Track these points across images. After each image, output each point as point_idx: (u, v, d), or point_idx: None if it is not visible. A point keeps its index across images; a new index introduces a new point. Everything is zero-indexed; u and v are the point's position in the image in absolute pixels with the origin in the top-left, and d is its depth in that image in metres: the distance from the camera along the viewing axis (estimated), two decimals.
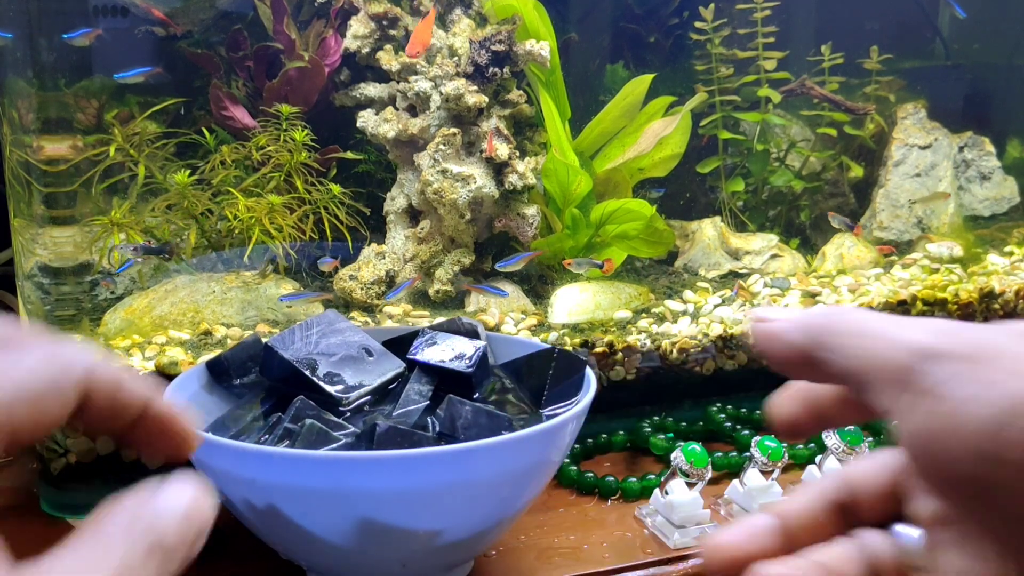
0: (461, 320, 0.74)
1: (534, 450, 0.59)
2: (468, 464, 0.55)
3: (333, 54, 1.10)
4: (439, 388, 0.67)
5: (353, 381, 0.66)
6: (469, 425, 0.60)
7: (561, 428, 0.60)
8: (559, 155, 1.06)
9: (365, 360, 0.68)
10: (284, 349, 0.66)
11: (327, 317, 0.71)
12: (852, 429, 0.80)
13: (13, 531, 0.78)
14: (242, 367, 0.70)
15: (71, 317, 0.93)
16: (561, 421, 0.60)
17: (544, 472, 0.63)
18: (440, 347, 0.69)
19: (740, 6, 1.25)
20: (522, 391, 0.70)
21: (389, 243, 1.11)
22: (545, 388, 0.69)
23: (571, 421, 0.61)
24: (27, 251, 0.90)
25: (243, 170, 1.05)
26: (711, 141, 1.28)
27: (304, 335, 0.68)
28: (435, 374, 0.68)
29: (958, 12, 1.37)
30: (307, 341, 0.67)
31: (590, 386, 0.66)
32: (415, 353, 0.69)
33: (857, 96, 1.32)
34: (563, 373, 0.69)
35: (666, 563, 0.73)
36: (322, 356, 0.67)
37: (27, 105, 0.87)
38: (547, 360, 0.70)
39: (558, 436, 0.61)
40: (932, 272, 1.18)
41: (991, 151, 1.39)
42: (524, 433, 0.58)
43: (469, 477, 0.56)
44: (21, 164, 0.88)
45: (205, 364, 0.70)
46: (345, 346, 0.68)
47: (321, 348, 0.67)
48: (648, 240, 1.13)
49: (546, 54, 1.06)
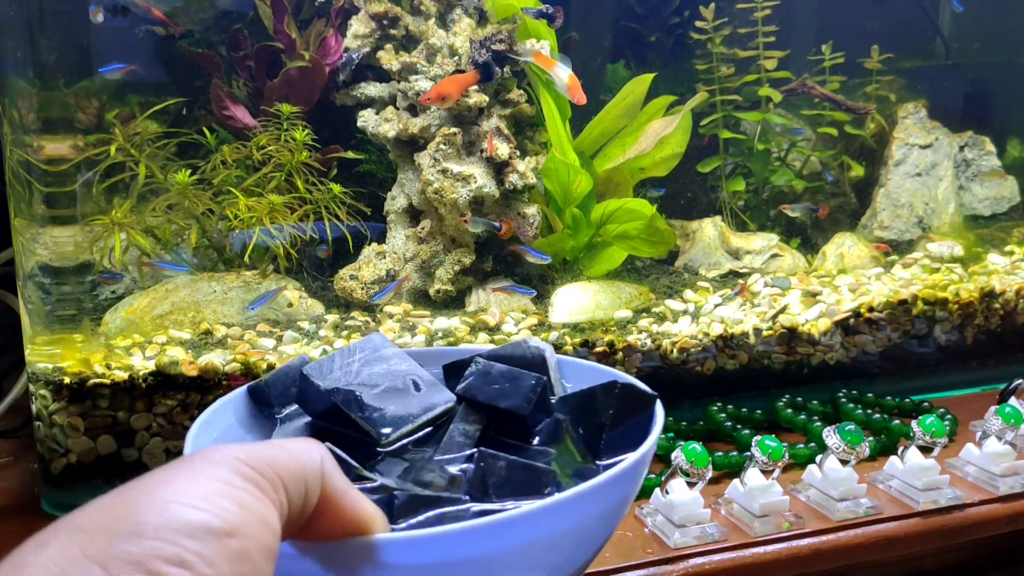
0: (527, 344, 0.65)
1: (576, 512, 0.47)
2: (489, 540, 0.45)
3: (334, 54, 1.10)
4: (490, 428, 0.58)
5: (395, 418, 0.58)
6: (502, 483, 0.51)
7: (605, 489, 0.48)
8: (559, 155, 1.06)
9: (411, 393, 0.61)
10: (321, 378, 0.60)
11: (372, 342, 0.64)
12: (852, 428, 0.80)
13: (14, 531, 0.78)
14: (284, 394, 0.64)
15: (72, 317, 0.93)
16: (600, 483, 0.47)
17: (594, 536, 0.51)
18: (493, 378, 0.60)
19: (741, 6, 1.25)
20: (582, 432, 0.59)
21: (389, 243, 1.11)
22: (604, 430, 0.58)
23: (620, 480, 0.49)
24: (28, 251, 0.90)
25: (244, 170, 1.05)
26: (712, 140, 1.28)
27: (344, 363, 0.62)
28: (485, 412, 0.59)
29: (955, 6, 1.37)
30: (347, 370, 0.61)
31: (656, 425, 0.55)
32: (463, 386, 0.60)
33: (858, 95, 1.32)
34: (627, 412, 0.59)
35: (666, 562, 0.74)
36: (363, 387, 0.60)
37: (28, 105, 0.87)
38: (608, 396, 0.59)
39: (605, 496, 0.49)
40: (933, 271, 1.18)
41: (991, 150, 1.39)
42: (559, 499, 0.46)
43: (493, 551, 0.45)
44: (22, 164, 0.88)
45: (247, 389, 0.64)
46: (390, 376, 0.61)
47: (363, 378, 0.61)
48: (649, 240, 1.13)
49: (546, 54, 1.06)
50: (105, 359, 0.89)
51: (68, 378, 0.85)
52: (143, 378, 0.86)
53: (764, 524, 0.78)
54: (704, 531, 0.76)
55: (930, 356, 1.12)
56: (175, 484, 0.32)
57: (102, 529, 0.30)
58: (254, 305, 0.98)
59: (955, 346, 1.13)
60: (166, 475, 0.33)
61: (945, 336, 1.12)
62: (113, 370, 0.87)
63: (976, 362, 1.15)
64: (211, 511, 0.32)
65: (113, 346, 0.93)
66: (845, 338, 1.07)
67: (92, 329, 0.96)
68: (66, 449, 0.85)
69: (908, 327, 1.10)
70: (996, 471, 0.85)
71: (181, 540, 0.30)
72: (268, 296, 0.99)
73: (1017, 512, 0.84)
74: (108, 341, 0.94)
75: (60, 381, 0.85)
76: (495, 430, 0.58)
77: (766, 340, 1.03)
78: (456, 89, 1.01)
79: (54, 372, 0.86)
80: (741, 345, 1.02)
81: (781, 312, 1.06)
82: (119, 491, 0.32)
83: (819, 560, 0.78)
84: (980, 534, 0.83)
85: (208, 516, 0.31)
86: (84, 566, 0.29)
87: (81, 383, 0.85)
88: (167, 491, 0.32)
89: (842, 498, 0.81)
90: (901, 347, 1.10)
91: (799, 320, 1.05)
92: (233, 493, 0.33)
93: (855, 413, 0.98)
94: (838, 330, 1.06)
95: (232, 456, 0.35)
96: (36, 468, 0.90)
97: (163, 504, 0.31)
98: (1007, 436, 0.87)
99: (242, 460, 0.35)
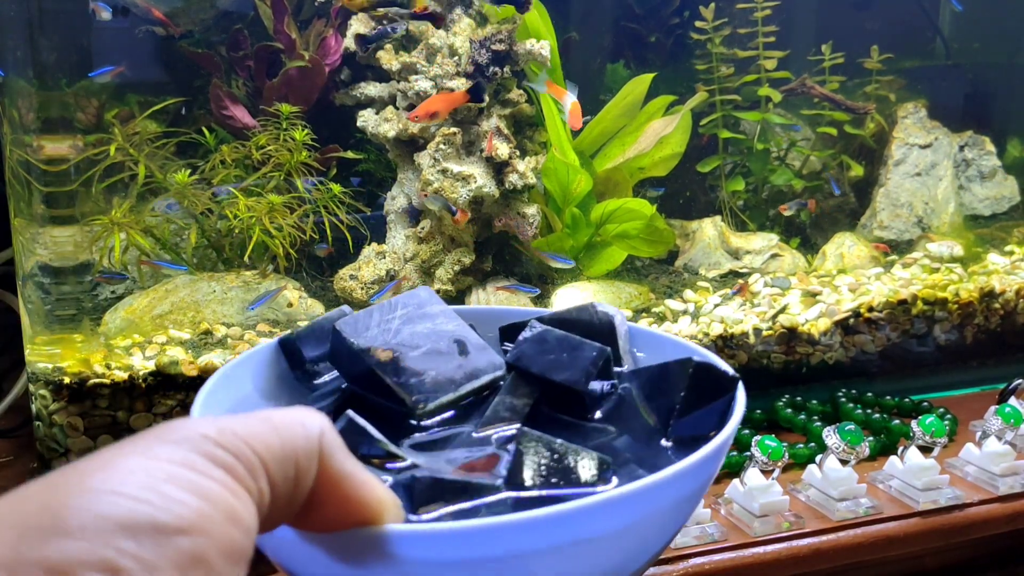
0: (594, 308, 0.56)
1: (625, 514, 0.40)
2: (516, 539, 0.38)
3: (333, 53, 1.10)
4: (543, 402, 0.51)
5: (435, 385, 0.51)
6: (545, 471, 0.43)
7: (661, 489, 0.40)
8: (559, 154, 1.06)
9: (456, 357, 0.53)
10: (356, 336, 0.52)
11: (417, 296, 0.56)
12: (852, 428, 0.80)
13: None
14: (320, 351, 0.56)
15: (71, 317, 0.93)
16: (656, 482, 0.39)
17: (645, 539, 0.43)
18: (550, 346, 0.53)
19: (740, 5, 1.25)
20: (651, 411, 0.51)
21: (389, 242, 1.10)
22: (674, 413, 0.50)
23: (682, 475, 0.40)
24: (27, 251, 0.90)
25: (243, 169, 1.05)
26: (711, 140, 1.28)
27: (384, 319, 0.54)
28: (537, 384, 0.52)
29: (954, 5, 1.37)
30: (386, 327, 0.54)
31: (734, 413, 0.47)
32: (514, 354, 0.53)
33: (857, 95, 1.32)
34: (702, 394, 0.50)
35: (666, 562, 0.73)
36: (404, 347, 0.52)
37: (27, 105, 0.87)
38: (682, 374, 0.51)
39: (662, 495, 0.40)
40: (933, 271, 1.18)
41: (991, 150, 1.39)
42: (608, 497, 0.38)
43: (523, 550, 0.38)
44: (21, 164, 0.88)
45: (277, 343, 0.56)
46: (434, 336, 0.54)
47: (403, 337, 0.53)
48: (648, 239, 1.13)
49: (546, 53, 1.06)
50: (105, 359, 0.89)
51: (68, 378, 0.85)
52: (143, 378, 0.86)
53: (764, 524, 0.78)
54: (704, 531, 0.76)
55: (930, 356, 1.12)
56: (115, 469, 0.26)
57: (16, 525, 0.24)
58: (254, 305, 0.98)
59: (955, 346, 1.13)
60: (108, 458, 0.26)
61: (945, 336, 1.12)
62: (113, 370, 0.87)
63: (976, 362, 1.15)
64: (156, 503, 0.25)
65: (113, 346, 0.93)
66: (845, 338, 1.07)
67: (92, 329, 0.96)
68: (66, 449, 0.85)
69: (908, 327, 1.10)
70: (996, 471, 0.86)
71: (115, 540, 0.24)
72: (268, 296, 0.99)
73: (1017, 512, 0.84)
74: (108, 341, 0.94)
75: (60, 381, 0.85)
76: (549, 404, 0.51)
77: (766, 340, 1.03)
78: (444, 107, 1.02)
79: (54, 372, 0.86)
80: (741, 345, 1.02)
81: (781, 312, 1.06)
82: (50, 477, 0.26)
83: (819, 560, 0.78)
84: (980, 534, 0.83)
85: (151, 509, 0.25)
86: None
87: (81, 383, 0.85)
88: (103, 478, 0.25)
89: (842, 498, 0.81)
90: (901, 347, 1.10)
91: (799, 320, 1.05)
92: (191, 480, 0.27)
93: (855, 413, 0.98)
94: (838, 330, 1.06)
95: (198, 433, 0.28)
96: (35, 468, 0.90)
97: (95, 495, 0.25)
98: (1007, 436, 0.87)
99: (210, 438, 0.28)
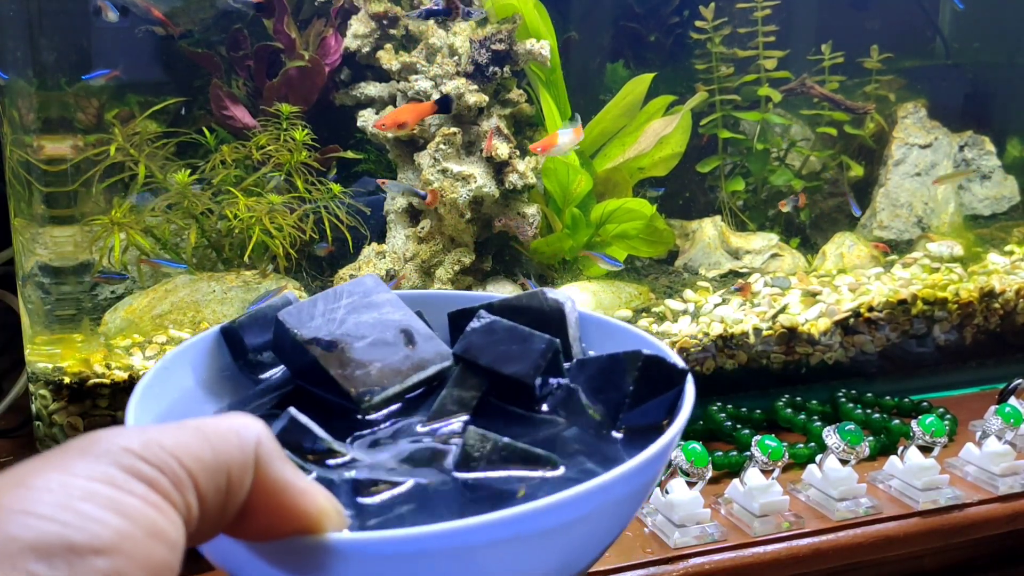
0: (544, 295, 0.55)
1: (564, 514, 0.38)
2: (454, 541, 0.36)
3: (333, 53, 1.10)
4: (491, 393, 0.50)
5: (381, 377, 0.50)
6: (490, 467, 0.43)
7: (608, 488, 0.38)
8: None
9: (402, 348, 0.51)
10: (299, 326, 0.51)
11: (363, 284, 0.54)
12: (852, 428, 0.80)
13: None
14: (263, 340, 0.54)
15: (71, 317, 0.93)
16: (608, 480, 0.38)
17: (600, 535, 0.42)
18: (499, 337, 0.51)
19: (740, 5, 1.25)
20: (599, 403, 0.50)
21: (389, 242, 1.11)
22: (623, 407, 0.49)
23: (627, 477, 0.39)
24: (27, 251, 0.90)
25: (243, 169, 1.05)
26: (711, 140, 1.28)
27: (328, 308, 0.52)
28: (486, 376, 0.50)
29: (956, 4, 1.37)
30: (330, 317, 0.52)
31: (682, 408, 0.46)
32: (461, 345, 0.51)
33: (857, 95, 1.32)
34: (651, 387, 0.49)
35: (666, 562, 0.74)
36: (348, 338, 0.51)
37: (27, 105, 0.87)
38: (631, 367, 0.49)
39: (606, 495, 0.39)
40: (932, 271, 1.18)
41: (991, 150, 1.39)
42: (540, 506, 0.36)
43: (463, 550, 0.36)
44: (22, 164, 0.88)
45: (219, 331, 0.54)
46: (380, 326, 0.52)
47: (348, 328, 0.51)
48: (648, 239, 1.13)
49: (546, 53, 1.06)
50: (105, 359, 0.89)
51: (68, 378, 0.85)
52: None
53: (764, 524, 0.78)
54: (704, 531, 0.76)
55: (929, 356, 1.12)
56: (28, 487, 0.25)
57: None
58: (256, 304, 0.98)
59: (954, 346, 1.13)
60: (22, 474, 0.26)
61: (944, 336, 1.12)
62: (113, 370, 0.87)
63: (975, 362, 1.15)
64: (71, 523, 0.24)
65: (113, 346, 0.93)
66: (844, 338, 1.07)
67: (92, 329, 0.96)
68: None
69: (907, 327, 1.10)
70: (996, 471, 0.86)
71: (25, 563, 0.23)
72: (269, 295, 0.99)
73: (1017, 512, 0.84)
74: (108, 341, 0.94)
75: (60, 381, 0.85)
76: (496, 396, 0.50)
77: (766, 340, 1.03)
78: (412, 118, 1.02)
79: (54, 372, 0.86)
80: (740, 345, 1.03)
81: (781, 312, 1.06)
82: None
83: (819, 560, 0.78)
84: (979, 534, 0.83)
85: (65, 530, 0.24)
86: None
87: (81, 383, 0.85)
88: (15, 497, 0.25)
89: (842, 498, 0.81)
90: (900, 347, 1.10)
91: (799, 320, 1.05)
92: (109, 496, 0.26)
93: (855, 413, 0.98)
94: (838, 330, 1.06)
95: (120, 446, 0.27)
96: None
97: (5, 516, 0.24)
98: (1007, 436, 0.87)
99: (132, 451, 0.27)
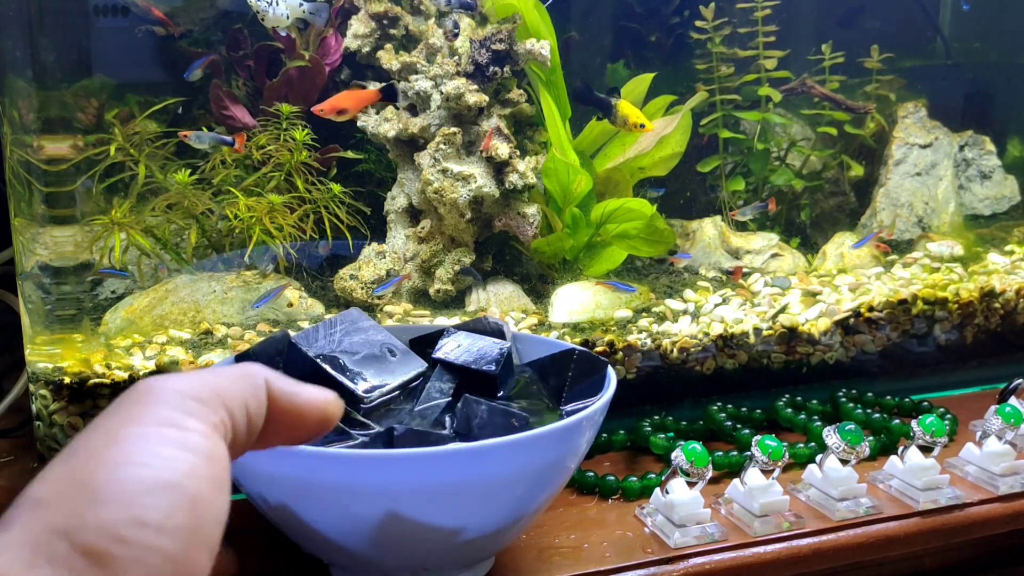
0: (487, 320, 0.75)
1: (548, 448, 0.60)
2: (481, 462, 0.56)
3: (333, 53, 1.10)
4: (464, 388, 0.67)
5: (375, 379, 0.67)
6: (484, 424, 0.61)
7: (575, 427, 0.61)
8: (559, 154, 1.06)
9: (388, 359, 0.69)
10: (308, 346, 0.67)
11: (351, 316, 0.72)
12: (852, 428, 0.80)
13: None
14: (270, 362, 0.69)
15: (72, 316, 0.93)
16: (575, 420, 0.60)
17: (560, 470, 0.63)
18: (465, 347, 0.70)
19: (741, 5, 1.25)
20: (545, 390, 0.71)
21: (389, 242, 1.11)
22: (565, 387, 0.71)
23: (585, 420, 0.62)
24: (28, 250, 0.90)
25: (243, 169, 1.05)
26: (711, 140, 1.28)
27: (328, 332, 0.69)
28: (459, 373, 0.69)
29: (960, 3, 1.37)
30: (330, 339, 0.68)
31: (610, 385, 0.68)
32: (439, 352, 0.70)
33: (858, 95, 1.32)
34: (584, 373, 0.71)
35: (666, 562, 0.74)
36: (345, 354, 0.68)
37: (27, 105, 0.87)
38: (568, 360, 0.72)
39: (573, 434, 0.62)
40: (933, 271, 1.18)
41: (992, 150, 1.39)
42: (537, 432, 0.58)
43: (484, 475, 0.57)
44: (22, 164, 0.88)
45: (234, 359, 0.71)
46: (368, 345, 0.69)
47: (344, 346, 0.68)
48: (648, 239, 1.13)
49: (547, 53, 1.06)
50: (105, 359, 0.89)
51: (68, 378, 0.85)
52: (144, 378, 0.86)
53: (764, 524, 0.78)
54: (704, 531, 0.76)
55: (930, 356, 1.12)
56: (121, 444, 0.33)
57: (62, 500, 0.31)
58: (258, 304, 0.98)
59: (955, 346, 1.13)
60: (112, 431, 0.34)
61: (945, 336, 1.12)
62: (113, 370, 0.87)
63: (976, 362, 1.15)
64: (160, 465, 0.33)
65: (113, 346, 0.93)
66: (845, 338, 1.07)
67: (92, 329, 0.96)
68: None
69: (908, 327, 1.10)
70: (996, 471, 0.86)
71: (140, 500, 0.31)
72: (272, 295, 0.99)
73: (1017, 512, 0.84)
74: (108, 341, 0.94)
75: (60, 381, 0.85)
76: (467, 388, 0.67)
77: (766, 340, 1.03)
78: (353, 104, 1.02)
79: (54, 372, 0.86)
80: (741, 345, 1.02)
81: (781, 312, 1.06)
82: (68, 457, 0.33)
83: (819, 560, 0.78)
84: (980, 533, 0.83)
85: (157, 472, 0.32)
86: (49, 539, 0.30)
87: (81, 383, 0.85)
88: (116, 453, 0.33)
89: (842, 498, 0.81)
90: (901, 346, 1.10)
91: (799, 320, 1.05)
92: (178, 437, 0.34)
93: (855, 413, 0.98)
94: (838, 330, 1.06)
95: (174, 390, 0.36)
96: (35, 468, 0.90)
97: (115, 467, 0.32)
98: (1007, 436, 0.87)
99: (185, 393, 0.36)
